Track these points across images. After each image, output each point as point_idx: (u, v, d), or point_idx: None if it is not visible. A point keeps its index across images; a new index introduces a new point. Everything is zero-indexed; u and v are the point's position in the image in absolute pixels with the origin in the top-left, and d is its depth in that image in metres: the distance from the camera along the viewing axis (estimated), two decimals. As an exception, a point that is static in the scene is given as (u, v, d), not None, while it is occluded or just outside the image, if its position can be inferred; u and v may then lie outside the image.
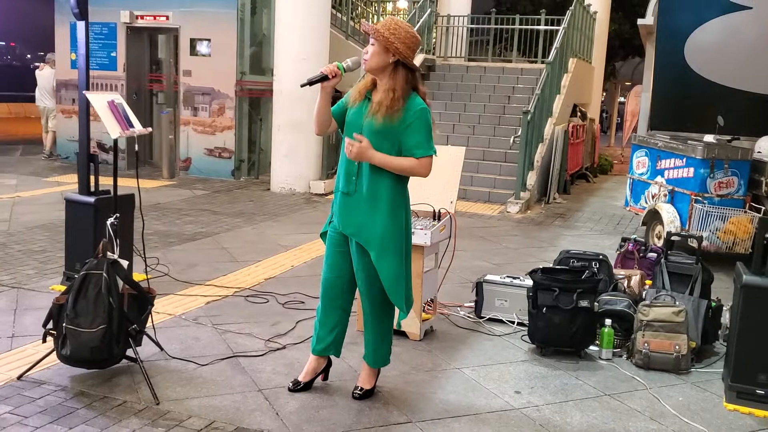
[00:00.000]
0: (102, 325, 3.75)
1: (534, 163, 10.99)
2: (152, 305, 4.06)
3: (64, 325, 3.76)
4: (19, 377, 3.93)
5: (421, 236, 4.74)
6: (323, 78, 3.62)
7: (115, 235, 3.90)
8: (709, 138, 8.68)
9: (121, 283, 3.91)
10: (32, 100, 14.07)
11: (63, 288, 5.51)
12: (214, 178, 11.99)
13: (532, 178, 10.77)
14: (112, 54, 12.53)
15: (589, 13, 15.68)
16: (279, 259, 6.93)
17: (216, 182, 11.70)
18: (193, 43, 12.08)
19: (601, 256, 5.44)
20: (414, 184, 5.20)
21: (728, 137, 8.88)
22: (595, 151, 15.69)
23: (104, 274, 3.83)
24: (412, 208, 5.03)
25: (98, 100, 4.38)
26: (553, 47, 12.26)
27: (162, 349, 4.39)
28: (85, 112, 5.42)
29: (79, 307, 3.78)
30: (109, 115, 4.31)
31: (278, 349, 4.60)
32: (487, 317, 5.38)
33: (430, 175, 5.20)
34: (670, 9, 9.44)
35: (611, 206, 11.30)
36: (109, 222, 3.92)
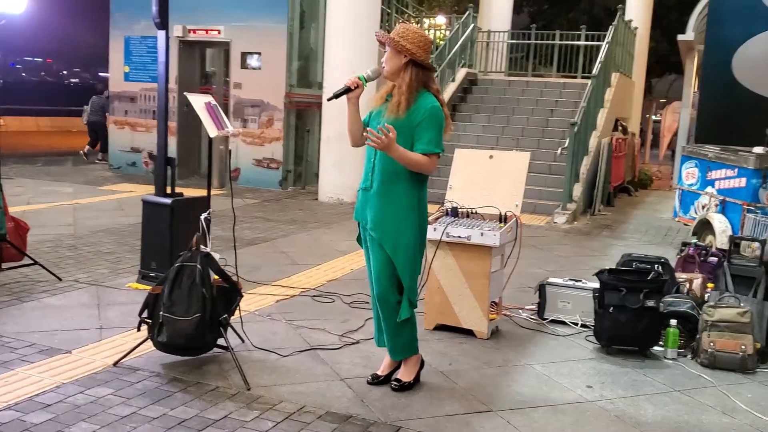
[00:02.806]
0: (197, 314, 3.95)
1: (579, 175, 11.10)
2: (241, 296, 4.25)
3: (161, 313, 3.96)
4: (115, 364, 4.13)
5: (490, 237, 4.90)
6: (347, 90, 3.82)
7: (207, 229, 4.10)
8: (758, 149, 8.74)
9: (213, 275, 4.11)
10: (71, 114, 14.89)
11: (140, 286, 5.77)
12: (262, 188, 12.25)
13: (578, 190, 10.88)
14: (164, 67, 12.85)
15: (631, 29, 15.79)
16: (338, 263, 7.12)
17: (264, 192, 11.96)
18: (243, 56, 12.39)
19: (662, 260, 5.55)
20: (481, 188, 5.42)
21: (776, 150, 8.94)
22: (635, 165, 15.75)
23: (198, 266, 4.04)
24: (478, 210, 5.26)
25: (197, 101, 4.61)
26: (598, 61, 12.40)
27: (243, 341, 4.58)
28: (164, 117, 5.66)
29: (175, 297, 3.99)
30: (207, 115, 4.54)
31: (353, 343, 4.77)
32: (550, 319, 5.50)
33: (496, 178, 5.43)
34: (718, 23, 9.56)
35: (657, 218, 11.38)
36: (202, 217, 4.13)
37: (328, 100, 3.92)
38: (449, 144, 9.56)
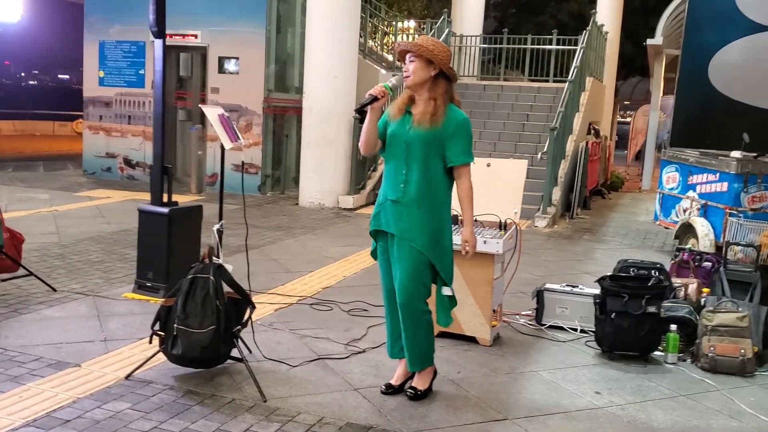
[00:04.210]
0: (211, 326, 3.93)
1: (558, 179, 11.23)
2: (254, 308, 4.24)
3: (175, 325, 3.93)
4: (127, 377, 4.09)
5: (493, 245, 4.95)
6: (374, 99, 3.84)
7: (220, 240, 4.09)
8: (736, 154, 8.93)
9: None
10: (33, 117, 14.58)
11: (136, 296, 5.72)
12: (241, 193, 12.14)
13: (556, 194, 11.00)
14: (140, 72, 12.74)
15: (602, 33, 16.01)
16: (330, 270, 7.12)
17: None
18: (221, 61, 12.31)
19: (658, 265, 5.65)
20: (479, 195, 5.46)
21: (753, 154, 9.13)
22: (608, 168, 15.97)
23: (211, 278, 4.02)
24: (478, 218, 5.31)
25: (211, 113, 4.59)
26: (573, 65, 12.55)
27: (251, 351, 4.55)
28: (160, 125, 5.62)
29: (189, 309, 3.96)
30: (221, 127, 4.52)
31: (359, 352, 4.79)
32: (548, 324, 5.57)
33: (494, 186, 5.49)
34: (696, 29, 9.72)
35: (634, 221, 11.57)
36: (215, 228, 4.11)
37: (356, 111, 3.93)
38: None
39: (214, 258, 4.09)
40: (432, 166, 3.86)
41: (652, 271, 5.50)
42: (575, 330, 5.45)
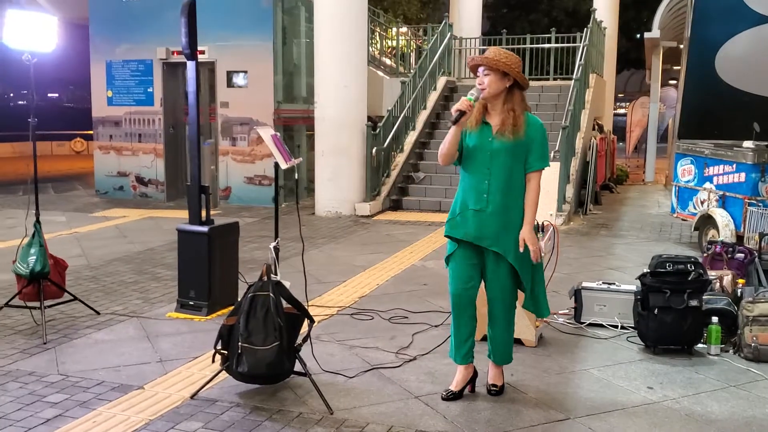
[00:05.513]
0: (275, 342, 4.01)
1: (570, 176, 11.34)
2: (314, 322, 4.32)
3: (239, 344, 4.01)
4: (193, 396, 4.17)
5: (534, 247, 5.03)
6: (462, 114, 3.94)
7: (277, 257, 4.17)
8: (748, 144, 9.05)
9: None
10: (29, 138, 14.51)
11: (180, 315, 5.79)
12: (256, 205, 12.25)
13: (569, 191, 11.12)
14: (148, 90, 12.80)
15: (601, 29, 16.14)
16: (361, 279, 7.21)
17: (259, 209, 11.96)
18: (229, 75, 12.39)
19: (692, 259, 5.74)
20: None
21: (765, 143, 9.25)
22: (613, 162, 16.09)
23: (271, 295, 4.10)
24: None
25: (265, 134, 4.68)
26: (578, 64, 12.66)
27: (305, 364, 4.63)
28: (197, 147, 5.70)
29: (251, 327, 4.04)
30: (275, 147, 4.61)
31: (410, 360, 4.87)
32: (588, 322, 5.66)
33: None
34: (702, 22, 9.85)
35: (646, 214, 11.69)
36: (272, 246, 4.20)
37: (451, 124, 4.00)
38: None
39: (272, 275, 4.17)
40: (514, 174, 4.00)
41: (688, 265, 5.59)
42: (615, 327, 5.55)
